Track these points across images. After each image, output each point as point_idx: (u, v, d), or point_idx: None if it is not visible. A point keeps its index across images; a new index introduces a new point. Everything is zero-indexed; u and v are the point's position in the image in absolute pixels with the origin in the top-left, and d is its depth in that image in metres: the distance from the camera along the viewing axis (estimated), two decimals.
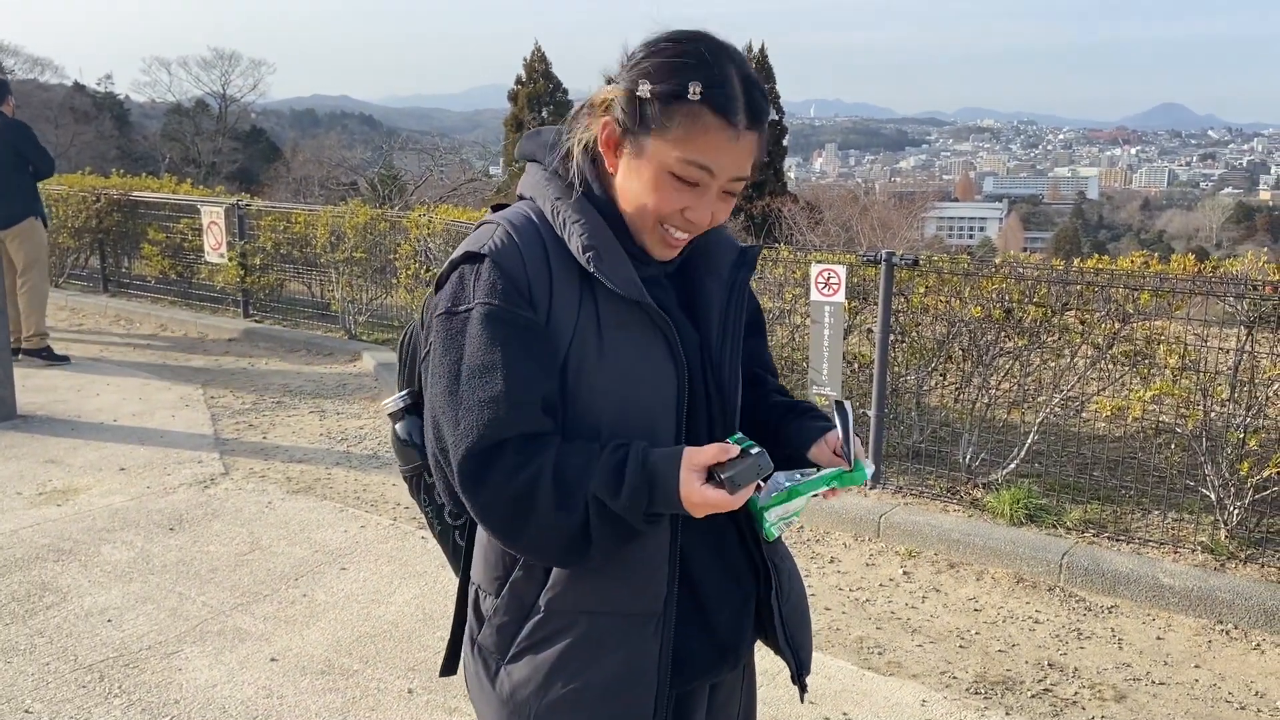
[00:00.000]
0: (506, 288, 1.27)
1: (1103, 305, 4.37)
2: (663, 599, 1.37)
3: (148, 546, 4.16)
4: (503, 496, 1.25)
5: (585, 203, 1.34)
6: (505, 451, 1.25)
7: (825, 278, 4.75)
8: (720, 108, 1.27)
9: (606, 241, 1.32)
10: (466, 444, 1.25)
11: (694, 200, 1.31)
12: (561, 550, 1.27)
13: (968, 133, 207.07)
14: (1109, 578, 3.87)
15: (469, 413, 1.25)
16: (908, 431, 5.10)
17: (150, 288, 9.71)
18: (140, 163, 34.58)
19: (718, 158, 1.29)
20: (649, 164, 1.30)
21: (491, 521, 1.28)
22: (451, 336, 1.28)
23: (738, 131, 1.28)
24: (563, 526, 1.25)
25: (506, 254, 1.29)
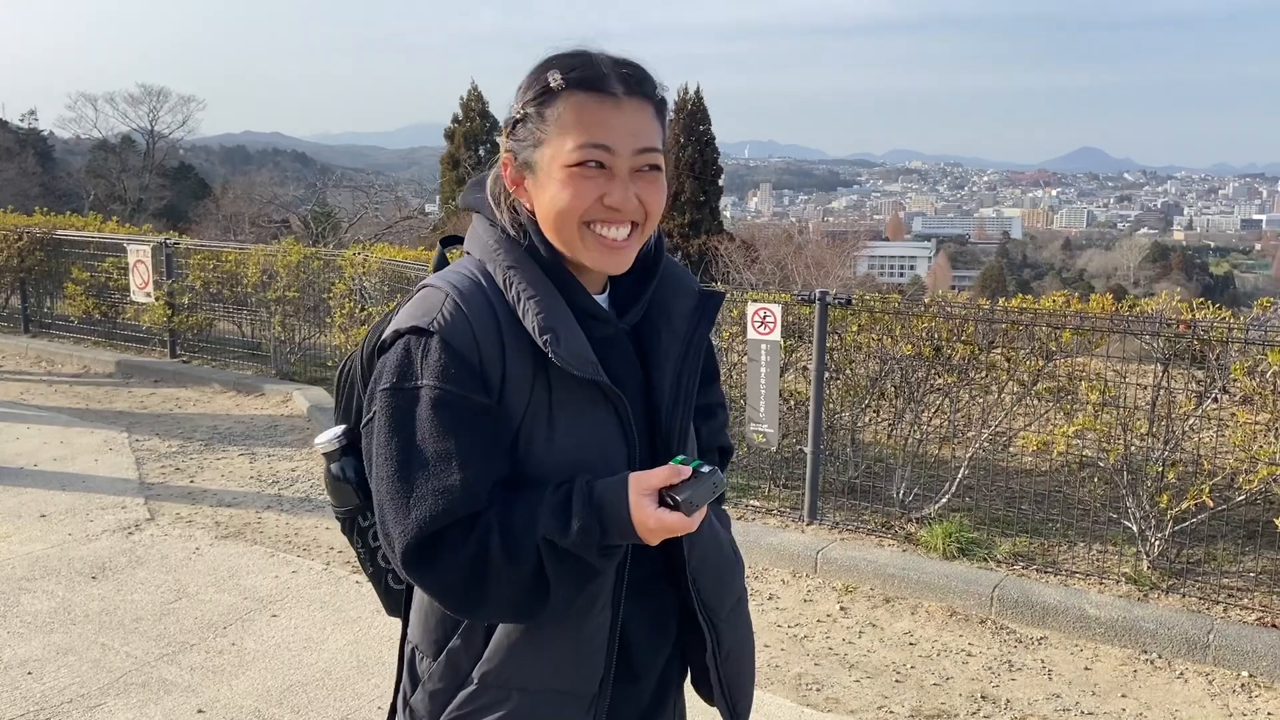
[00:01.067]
0: (458, 371, 1.22)
1: (1027, 343, 4.51)
2: (599, 679, 1.34)
3: (69, 596, 4.02)
4: (454, 573, 1.21)
5: (535, 270, 1.29)
6: (451, 532, 1.21)
7: (761, 316, 4.82)
8: (589, 84, 1.24)
9: (561, 314, 1.27)
10: (413, 534, 1.20)
11: (606, 185, 1.25)
12: (523, 604, 1.23)
13: (897, 174, 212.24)
14: (1038, 609, 3.95)
15: (420, 502, 1.20)
16: (844, 468, 5.17)
17: (74, 328, 9.45)
18: (64, 200, 33.70)
19: (606, 131, 1.23)
20: (548, 171, 1.25)
21: (449, 598, 1.24)
22: (398, 415, 1.22)
23: (617, 99, 1.24)
24: (518, 578, 1.21)
25: (457, 331, 1.23)
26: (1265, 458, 3.81)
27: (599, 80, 1.24)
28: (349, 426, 1.46)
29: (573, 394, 1.27)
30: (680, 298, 1.42)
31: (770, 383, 4.85)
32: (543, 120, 1.25)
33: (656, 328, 1.39)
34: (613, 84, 1.24)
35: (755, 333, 4.84)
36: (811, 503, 4.86)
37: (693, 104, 28.86)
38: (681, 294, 1.42)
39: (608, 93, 1.23)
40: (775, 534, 4.65)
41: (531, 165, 1.27)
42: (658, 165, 1.28)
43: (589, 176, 1.24)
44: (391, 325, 1.28)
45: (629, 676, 1.38)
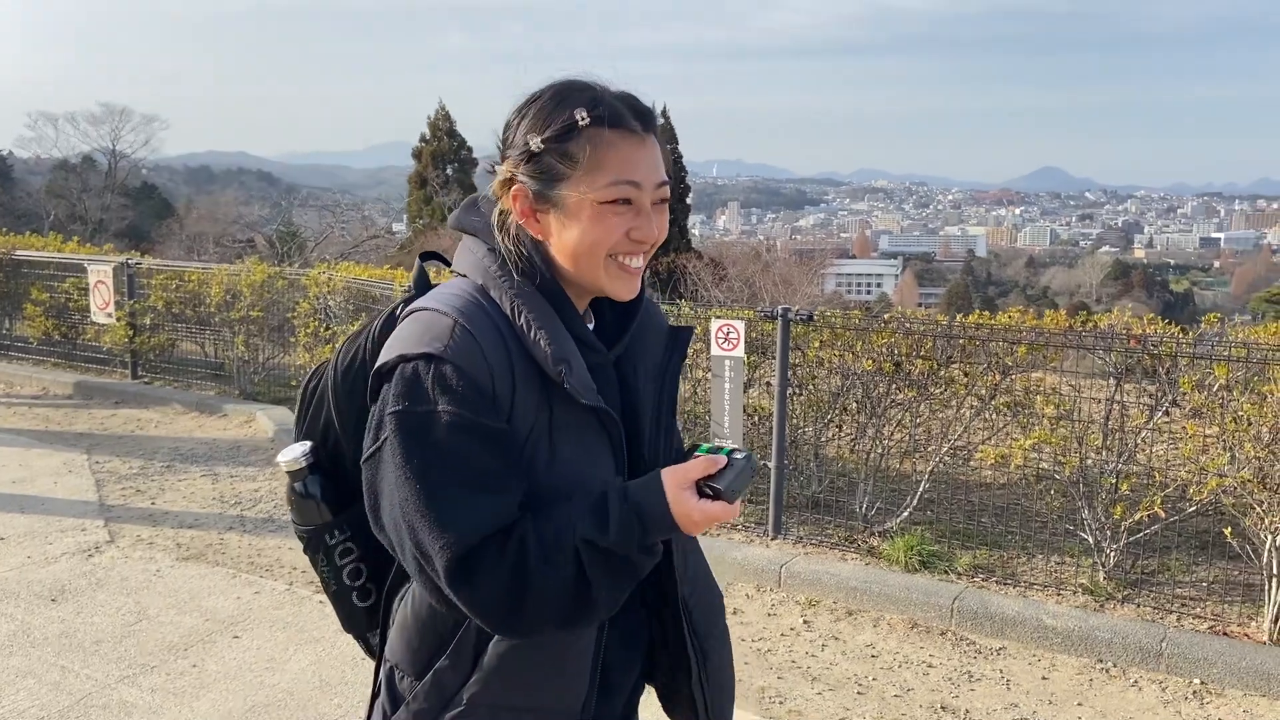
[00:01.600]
0: (473, 396, 1.22)
1: (984, 358, 4.59)
2: (583, 698, 1.37)
3: (28, 619, 3.97)
4: (497, 584, 1.22)
5: (542, 301, 1.31)
6: (488, 546, 1.22)
7: (725, 333, 4.87)
8: (614, 121, 1.27)
9: (568, 345, 1.30)
10: (455, 548, 1.21)
11: (634, 219, 1.30)
12: (566, 611, 1.24)
13: (863, 193, 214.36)
14: (997, 620, 4.01)
15: (453, 518, 1.21)
16: (807, 482, 5.22)
17: (32, 349, 9.32)
18: (23, 220, 33.21)
19: (636, 167, 1.28)
20: (576, 208, 1.28)
21: (494, 613, 1.24)
22: (415, 437, 1.22)
23: (640, 136, 1.29)
24: (559, 584, 1.22)
25: (469, 357, 1.23)
26: (1214, 469, 3.91)
27: (622, 117, 1.27)
28: (314, 444, 1.45)
29: (572, 419, 1.31)
30: (654, 332, 1.47)
31: (734, 398, 4.89)
32: (567, 157, 1.26)
33: (635, 359, 1.43)
34: (632, 120, 1.28)
35: (719, 349, 4.89)
36: (776, 518, 4.90)
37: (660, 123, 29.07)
38: (655, 328, 1.47)
39: (631, 130, 1.28)
40: (740, 549, 4.69)
41: (554, 200, 1.29)
42: (666, 197, 1.33)
43: (619, 214, 1.28)
44: (394, 350, 1.27)
45: (605, 694, 1.41)
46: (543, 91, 1.30)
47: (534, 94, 1.31)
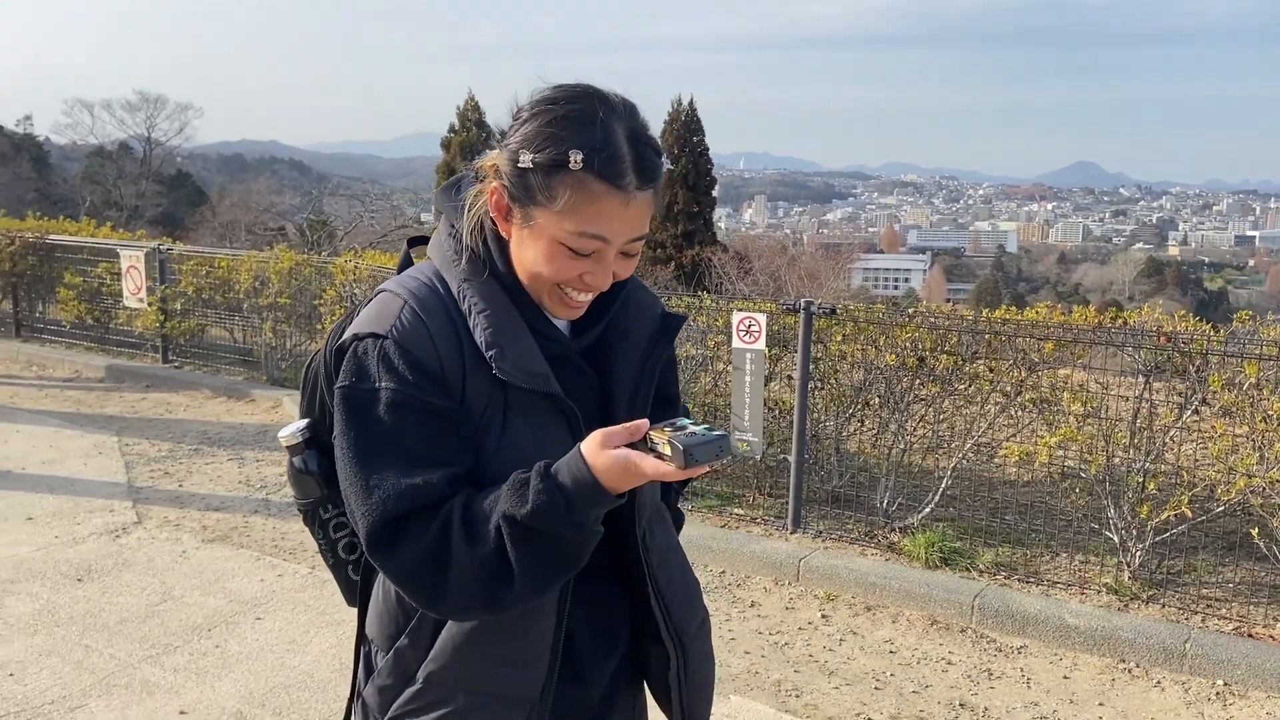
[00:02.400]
0: (415, 375, 1.24)
1: (1011, 354, 4.54)
2: (541, 684, 1.35)
3: (54, 598, 4.03)
4: (416, 556, 1.22)
5: (490, 284, 1.31)
6: (413, 518, 1.23)
7: (746, 325, 4.86)
8: (606, 174, 1.21)
9: (511, 329, 1.29)
10: (377, 515, 1.22)
11: (591, 266, 1.27)
12: (486, 591, 1.22)
13: (892, 186, 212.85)
14: (1019, 619, 3.98)
15: (381, 487, 1.22)
16: (827, 476, 5.20)
17: (65, 332, 9.45)
18: (59, 205, 33.68)
19: (609, 225, 1.24)
20: (540, 234, 1.26)
21: (412, 584, 1.24)
22: (356, 411, 1.25)
23: (628, 195, 1.23)
24: (479, 562, 1.20)
25: (414, 337, 1.25)
26: (1243, 469, 3.85)
27: (617, 172, 1.22)
28: (311, 420, 1.49)
29: (528, 404, 1.30)
30: (643, 320, 1.44)
31: (755, 391, 4.88)
32: (548, 188, 1.23)
33: (613, 347, 1.41)
34: (628, 177, 1.22)
35: (740, 341, 4.87)
36: (795, 511, 4.88)
37: (686, 115, 28.94)
38: (644, 316, 1.45)
39: (620, 187, 1.22)
40: (758, 542, 4.68)
41: (524, 215, 1.27)
42: (637, 250, 1.31)
43: (576, 259, 1.26)
44: (350, 329, 1.31)
45: (574, 679, 1.40)
46: (559, 101, 1.24)
47: (551, 97, 1.25)
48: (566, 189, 1.22)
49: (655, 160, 1.27)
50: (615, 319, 1.42)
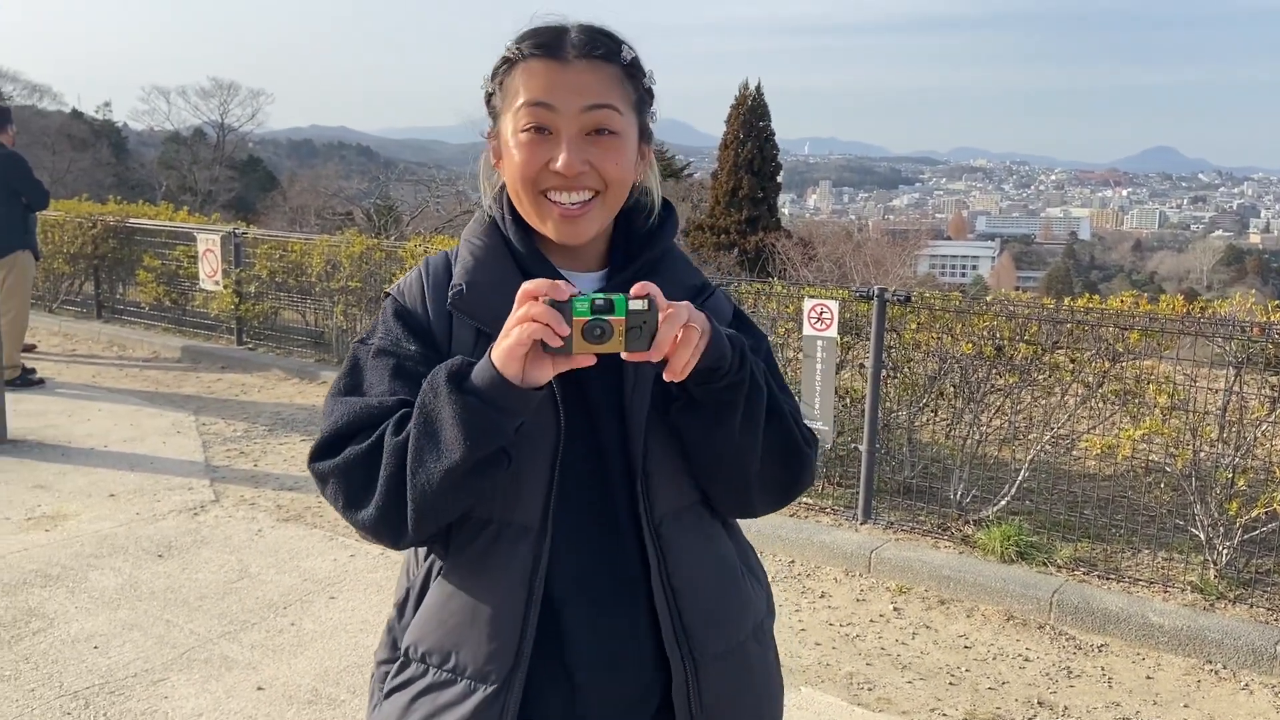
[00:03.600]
0: (400, 325, 1.29)
1: (1093, 344, 4.41)
2: (508, 669, 1.24)
3: (136, 573, 4.14)
4: (351, 458, 1.22)
5: (493, 239, 1.32)
6: (358, 434, 1.23)
7: (818, 313, 4.78)
8: (541, 50, 1.23)
9: (492, 275, 1.29)
10: (324, 432, 1.25)
11: (554, 149, 1.23)
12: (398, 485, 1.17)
13: (961, 172, 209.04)
14: (1099, 616, 3.87)
15: (338, 410, 1.26)
16: (899, 467, 5.11)
17: (144, 314, 9.71)
18: (137, 190, 34.68)
19: (549, 90, 1.22)
20: (505, 140, 1.27)
21: (342, 485, 1.23)
22: (354, 362, 1.31)
23: (565, 61, 1.23)
24: (395, 448, 1.18)
25: (409, 293, 1.32)
26: None
27: (552, 44, 1.23)
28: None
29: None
30: (675, 289, 1.30)
31: (825, 380, 4.80)
32: (503, 90, 1.26)
33: None
34: (564, 49, 1.23)
35: (811, 329, 4.80)
36: (866, 502, 4.81)
37: (753, 99, 28.71)
38: (678, 285, 1.33)
39: (557, 57, 1.23)
40: (828, 532, 4.61)
41: (499, 137, 1.29)
42: (612, 128, 1.24)
43: (535, 142, 1.23)
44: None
45: (564, 676, 1.26)
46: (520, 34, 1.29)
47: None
48: (511, 80, 1.25)
49: (599, 37, 1.25)
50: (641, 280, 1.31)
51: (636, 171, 1.32)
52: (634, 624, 1.29)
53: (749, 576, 1.42)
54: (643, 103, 1.30)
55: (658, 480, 1.29)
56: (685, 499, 1.32)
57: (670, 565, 1.29)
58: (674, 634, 1.28)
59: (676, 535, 1.30)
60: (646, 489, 1.28)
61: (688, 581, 1.30)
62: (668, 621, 1.28)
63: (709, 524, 1.36)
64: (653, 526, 1.28)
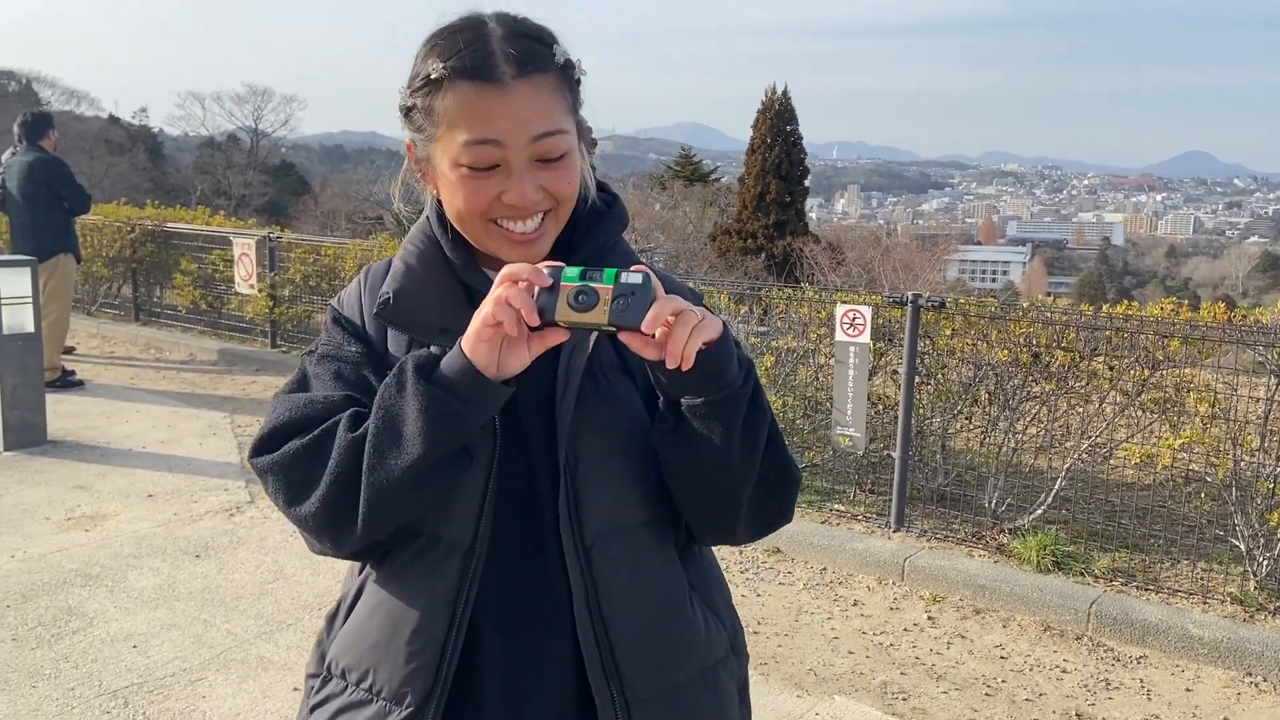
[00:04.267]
0: (340, 333, 1.26)
1: (1132, 351, 4.36)
2: (424, 694, 1.16)
3: (173, 573, 4.19)
4: (295, 449, 1.15)
5: (426, 248, 1.25)
6: (303, 427, 1.17)
7: (850, 318, 4.76)
8: (471, 72, 1.10)
9: (423, 284, 1.22)
10: (267, 426, 1.19)
11: (503, 182, 1.13)
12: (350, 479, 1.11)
13: (991, 176, 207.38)
14: (1138, 627, 3.82)
15: (282, 406, 1.20)
16: (932, 475, 5.07)
17: (180, 317, 9.83)
18: (172, 194, 35.14)
19: (493, 123, 1.11)
20: (442, 171, 1.16)
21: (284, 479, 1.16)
22: (301, 371, 1.26)
23: (504, 85, 1.10)
24: (351, 442, 1.11)
25: (349, 301, 1.29)
26: None
27: (482, 65, 1.10)
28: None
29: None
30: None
31: (858, 386, 4.78)
32: (431, 114, 1.14)
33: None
34: (499, 67, 1.10)
35: (844, 334, 4.78)
36: (899, 509, 4.77)
37: (780, 104, 28.61)
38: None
39: (493, 80, 1.10)
40: (860, 540, 4.59)
41: (430, 160, 1.19)
42: (561, 150, 1.14)
43: (482, 178, 1.13)
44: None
45: (479, 707, 1.18)
46: (431, 34, 1.16)
47: (427, 35, 1.17)
48: (443, 103, 1.12)
49: (532, 46, 1.13)
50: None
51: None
52: (558, 656, 1.18)
53: (704, 610, 1.27)
54: (578, 101, 1.20)
55: (588, 496, 1.17)
56: (625, 518, 1.20)
57: (600, 593, 1.17)
58: (602, 671, 1.17)
59: (609, 560, 1.18)
60: (575, 506, 1.17)
61: (621, 613, 1.18)
62: (594, 657, 1.17)
63: (655, 549, 1.22)
64: (582, 549, 1.17)
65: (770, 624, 3.91)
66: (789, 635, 3.83)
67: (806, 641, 3.78)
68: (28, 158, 7.31)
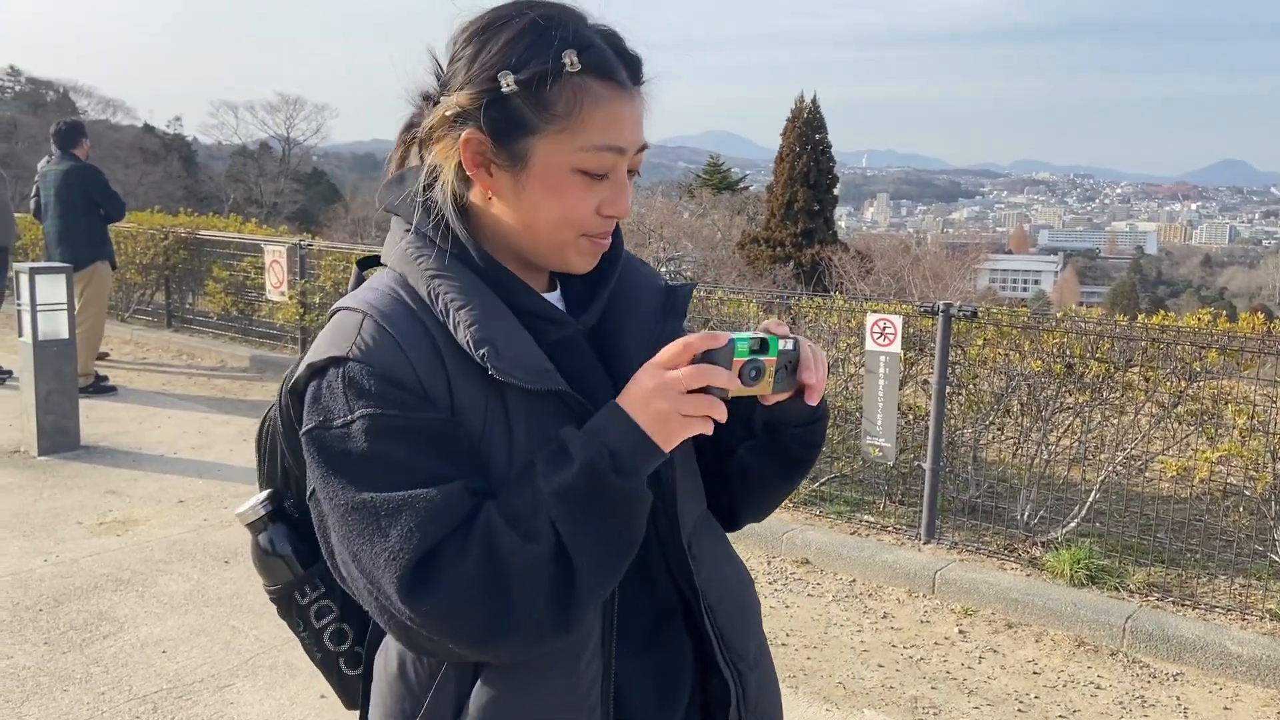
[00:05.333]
0: (390, 392, 1.02)
1: (1168, 362, 4.29)
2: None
3: (203, 579, 4.21)
4: (464, 584, 0.99)
5: (465, 274, 1.09)
6: (445, 545, 1.00)
7: (881, 327, 4.72)
8: (604, 71, 1.05)
9: (500, 322, 1.07)
10: (404, 559, 0.99)
11: (605, 192, 1.08)
12: (556, 598, 1.01)
13: (1023, 185, 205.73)
14: (1174, 644, 3.74)
15: (396, 526, 1.00)
16: (964, 486, 5.01)
17: (212, 323, 9.93)
18: (205, 202, 35.60)
19: (622, 130, 1.06)
20: (543, 170, 1.06)
21: (469, 624, 1.00)
22: (332, 453, 1.03)
23: (629, 90, 1.07)
24: (539, 561, 0.99)
25: (379, 350, 1.04)
26: None
27: (612, 67, 1.05)
28: (273, 490, 1.26)
29: (531, 405, 1.08)
30: (645, 294, 1.23)
31: (888, 396, 4.73)
32: (543, 106, 1.03)
33: (618, 326, 1.19)
34: (622, 73, 1.06)
35: (874, 344, 4.74)
36: (929, 521, 4.72)
37: (809, 112, 28.52)
38: (646, 290, 1.24)
39: (621, 83, 1.06)
40: (890, 551, 4.54)
41: (516, 155, 1.06)
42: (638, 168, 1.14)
43: (592, 185, 1.07)
44: (304, 362, 1.08)
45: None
46: (512, 15, 1.06)
47: (502, 13, 1.06)
48: (566, 98, 1.03)
49: (635, 54, 1.10)
50: (619, 291, 1.20)
51: None
52: (680, 655, 1.18)
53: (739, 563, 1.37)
54: None
55: (681, 494, 1.19)
56: (700, 507, 1.25)
57: (704, 582, 1.19)
58: (721, 653, 1.19)
59: (703, 548, 1.21)
60: (674, 505, 1.17)
61: (720, 595, 1.22)
62: (714, 642, 1.19)
63: (719, 532, 1.29)
64: (687, 537, 1.19)
65: (799, 636, 3.87)
66: (818, 648, 3.79)
67: (836, 654, 3.74)
68: (63, 166, 7.42)
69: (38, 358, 5.91)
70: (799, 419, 1.19)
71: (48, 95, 45.27)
